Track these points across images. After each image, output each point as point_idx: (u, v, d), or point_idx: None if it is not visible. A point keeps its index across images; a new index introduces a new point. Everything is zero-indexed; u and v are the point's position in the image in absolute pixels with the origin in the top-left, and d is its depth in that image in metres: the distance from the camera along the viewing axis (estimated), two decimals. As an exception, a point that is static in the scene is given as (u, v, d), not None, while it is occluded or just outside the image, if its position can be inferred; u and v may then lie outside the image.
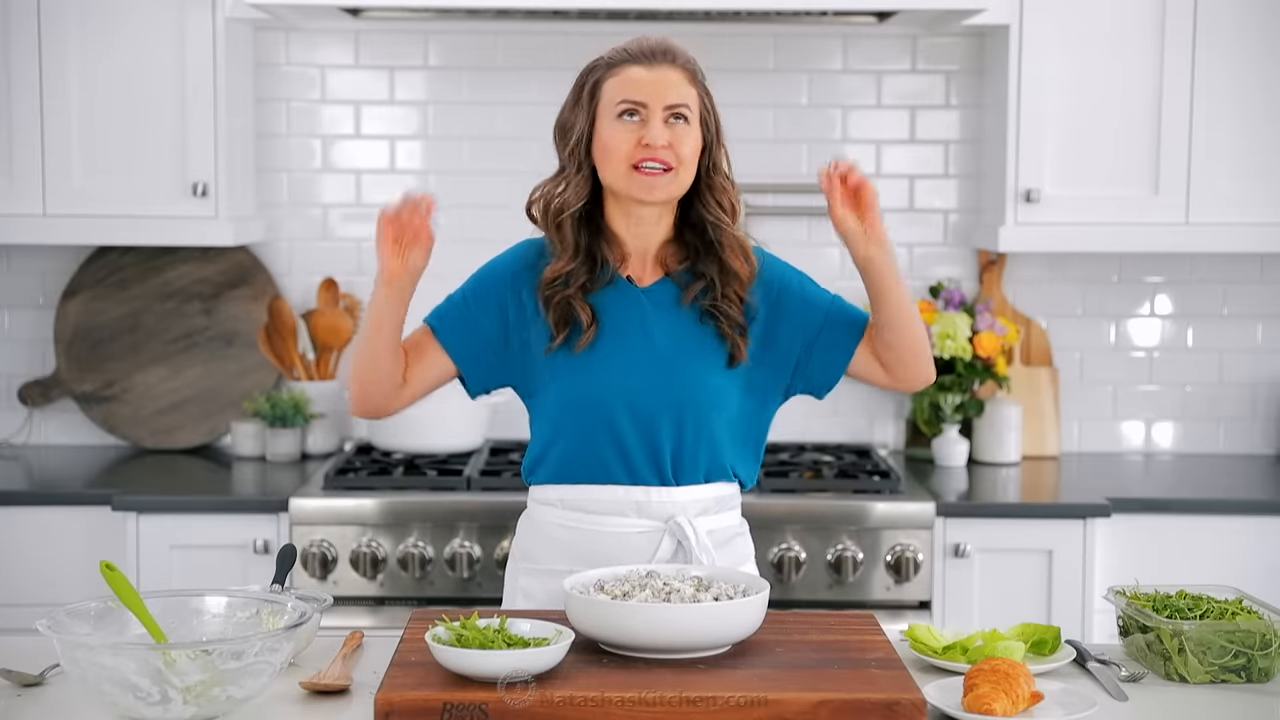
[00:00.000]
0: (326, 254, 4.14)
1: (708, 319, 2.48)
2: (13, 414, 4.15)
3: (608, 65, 2.46)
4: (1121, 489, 3.72)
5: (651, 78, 2.43)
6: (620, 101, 2.42)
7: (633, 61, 2.45)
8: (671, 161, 2.41)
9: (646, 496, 2.47)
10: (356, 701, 2.09)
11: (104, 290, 4.10)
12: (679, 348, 2.48)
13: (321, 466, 3.87)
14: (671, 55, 2.46)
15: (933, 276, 4.13)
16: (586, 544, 2.47)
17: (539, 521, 2.54)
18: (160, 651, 1.92)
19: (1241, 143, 3.75)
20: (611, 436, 2.45)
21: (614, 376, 2.45)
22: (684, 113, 2.43)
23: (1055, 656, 2.26)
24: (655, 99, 2.42)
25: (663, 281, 2.51)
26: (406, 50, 4.09)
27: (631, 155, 2.41)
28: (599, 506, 2.48)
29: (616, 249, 2.50)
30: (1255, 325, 4.15)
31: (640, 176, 2.42)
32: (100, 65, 3.73)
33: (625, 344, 2.47)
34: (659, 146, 2.40)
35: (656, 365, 2.46)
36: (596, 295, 2.48)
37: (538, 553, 2.53)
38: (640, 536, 2.47)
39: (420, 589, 3.50)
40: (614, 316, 2.48)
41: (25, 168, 3.74)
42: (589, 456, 2.47)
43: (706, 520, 2.50)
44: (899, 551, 3.48)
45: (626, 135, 2.42)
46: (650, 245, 2.51)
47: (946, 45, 4.09)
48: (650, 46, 2.46)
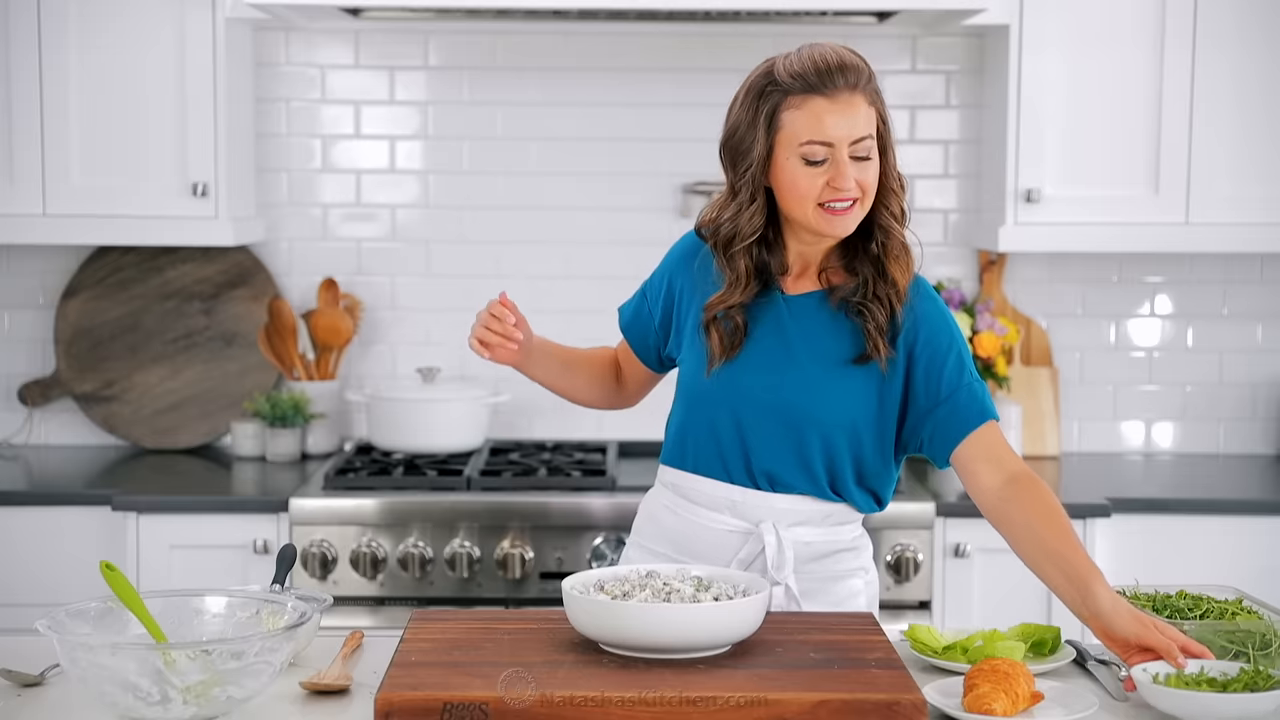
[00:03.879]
0: (326, 254, 4.13)
1: (853, 317, 2.41)
2: (13, 414, 4.15)
3: (787, 92, 2.34)
4: (1121, 489, 3.72)
5: (834, 112, 2.32)
6: (806, 143, 2.32)
7: (815, 91, 2.32)
8: (858, 195, 2.35)
9: (743, 497, 2.46)
10: (356, 701, 2.09)
11: (104, 290, 4.10)
12: (807, 359, 2.42)
13: (321, 466, 3.87)
14: (854, 78, 2.34)
15: (933, 276, 4.12)
16: (681, 530, 2.50)
17: (652, 499, 2.58)
18: (160, 651, 1.92)
19: (1241, 143, 3.75)
20: (715, 434, 2.45)
21: (731, 379, 2.44)
22: (870, 147, 2.35)
23: (1055, 656, 2.26)
24: (842, 137, 2.32)
25: (813, 293, 2.45)
26: (406, 50, 4.09)
27: (821, 196, 2.34)
28: (699, 498, 2.49)
29: (781, 263, 2.45)
30: (1255, 325, 4.15)
31: (830, 216, 2.35)
32: (100, 65, 3.73)
33: (753, 350, 2.44)
34: (850, 188, 2.33)
35: (776, 374, 2.42)
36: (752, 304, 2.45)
37: (645, 529, 2.58)
38: (731, 535, 2.47)
39: (420, 589, 3.50)
40: (761, 323, 2.45)
41: (25, 168, 3.74)
42: (698, 448, 2.48)
43: (806, 531, 2.46)
44: (899, 551, 3.48)
45: (814, 179, 2.33)
46: (814, 258, 2.46)
47: (946, 45, 4.09)
48: (829, 69, 2.33)
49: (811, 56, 2.34)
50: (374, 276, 4.13)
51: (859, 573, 2.53)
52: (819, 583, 2.48)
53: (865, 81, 2.36)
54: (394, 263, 4.12)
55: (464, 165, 4.11)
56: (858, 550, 2.54)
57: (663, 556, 2.51)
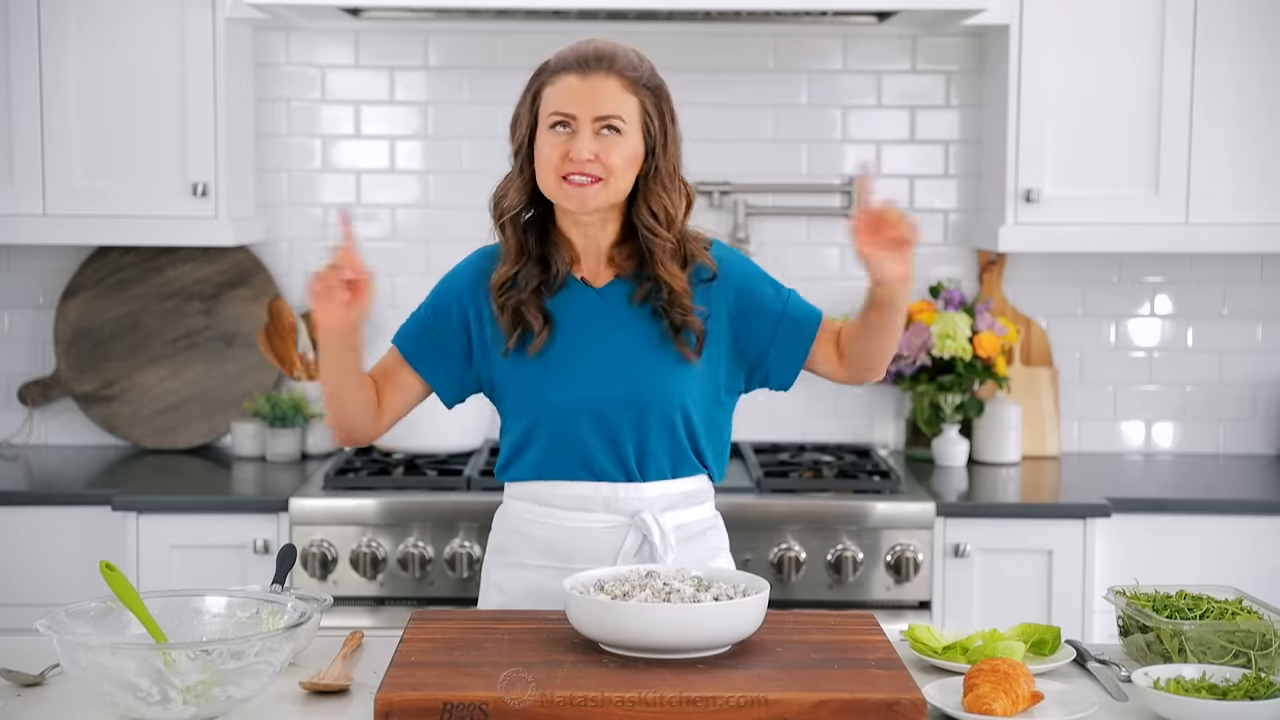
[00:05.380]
0: (326, 254, 4.12)
1: (660, 317, 2.49)
2: (13, 414, 4.15)
3: (550, 71, 2.46)
4: (1121, 489, 3.72)
5: (583, 88, 2.42)
6: (552, 112, 2.43)
7: (570, 70, 2.44)
8: (599, 173, 2.41)
9: (613, 493, 2.49)
10: (356, 701, 2.09)
11: (104, 290, 4.10)
12: (636, 347, 2.48)
13: (321, 466, 3.87)
14: (609, 62, 2.43)
15: (933, 276, 4.12)
16: (555, 539, 2.50)
17: (511, 517, 2.56)
18: (160, 651, 1.93)
19: (1241, 143, 3.75)
20: (575, 437, 2.47)
21: (574, 378, 2.47)
22: (615, 124, 2.41)
23: (1055, 656, 2.26)
24: (584, 110, 2.41)
25: (616, 282, 2.51)
26: (406, 50, 4.09)
27: (560, 167, 2.42)
28: (567, 503, 2.50)
29: (566, 250, 2.51)
30: (1255, 325, 4.15)
31: (568, 188, 2.42)
32: (100, 65, 3.73)
33: (583, 345, 2.48)
34: (584, 160, 2.40)
35: (615, 365, 2.47)
36: (552, 299, 2.49)
37: (510, 547, 2.55)
38: (607, 531, 2.49)
39: (420, 589, 3.50)
40: (570, 318, 2.49)
41: (25, 168, 3.74)
42: (556, 456, 2.49)
43: (675, 515, 2.51)
44: (899, 551, 3.48)
45: (555, 147, 2.42)
46: (600, 246, 2.51)
47: (946, 45, 4.09)
48: (588, 53, 2.44)
49: (578, 45, 2.48)
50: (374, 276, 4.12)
51: (721, 552, 2.60)
52: (695, 564, 2.50)
53: (626, 69, 2.44)
54: (394, 263, 4.12)
55: (464, 165, 4.11)
56: (718, 528, 2.62)
57: (544, 569, 2.49)
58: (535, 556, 2.51)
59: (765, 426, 4.08)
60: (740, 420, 2.76)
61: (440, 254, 4.13)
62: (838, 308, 4.07)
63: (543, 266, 2.49)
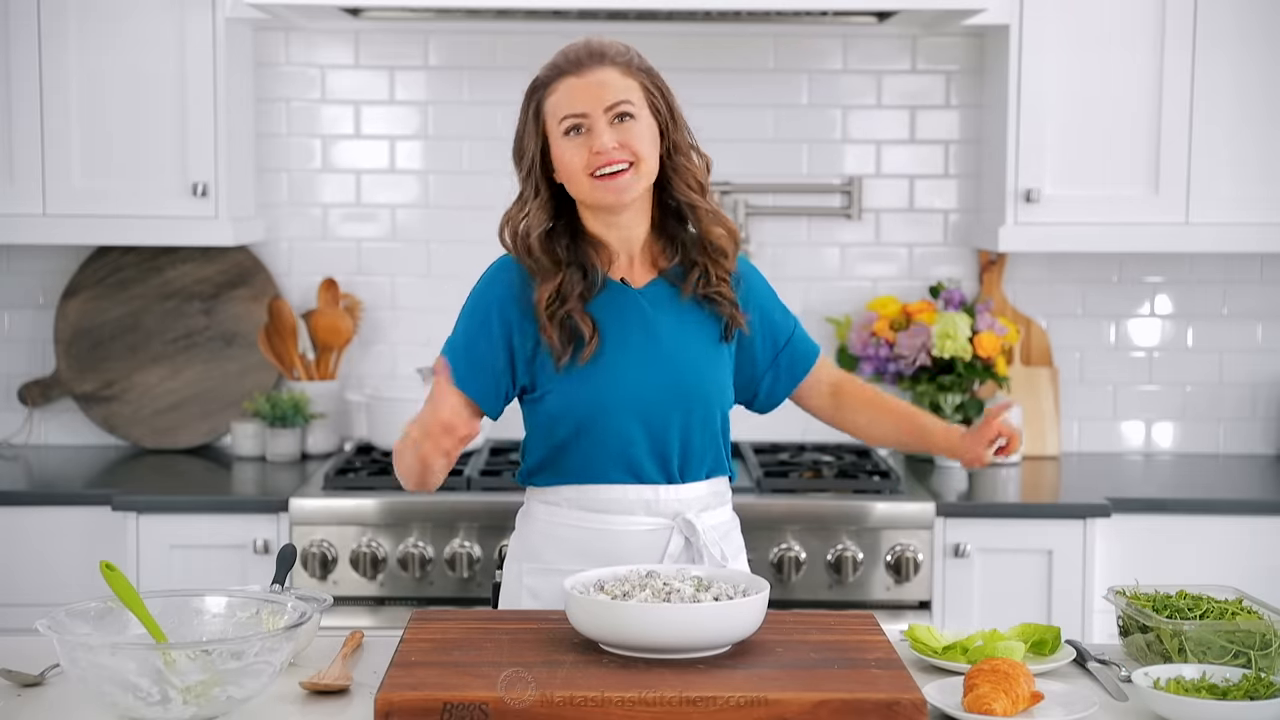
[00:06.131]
0: (326, 254, 4.13)
1: (706, 304, 2.50)
2: (13, 414, 4.15)
3: (544, 82, 2.46)
4: (1121, 489, 3.72)
5: (585, 85, 2.42)
6: (563, 118, 2.42)
7: (565, 74, 2.44)
8: (628, 158, 2.41)
9: (655, 495, 2.49)
10: (356, 701, 2.09)
11: (104, 290, 4.10)
12: (682, 346, 2.49)
13: (321, 466, 3.87)
14: (600, 55, 2.45)
15: (933, 276, 4.13)
16: (597, 543, 2.48)
17: (545, 522, 2.54)
18: (160, 651, 1.93)
19: (1241, 143, 3.75)
20: (621, 439, 2.46)
21: (622, 382, 2.46)
22: (627, 109, 2.42)
23: (1055, 656, 2.26)
24: (594, 105, 2.41)
25: (657, 282, 2.52)
26: (406, 50, 4.09)
27: (589, 165, 2.41)
28: (608, 506, 2.49)
29: (603, 253, 2.50)
30: (1255, 325, 4.15)
31: (603, 183, 2.41)
32: (100, 65, 3.73)
33: (630, 348, 2.47)
34: (610, 150, 2.40)
35: (662, 366, 2.47)
36: (594, 304, 2.47)
37: (545, 553, 2.53)
38: (650, 534, 2.49)
39: (420, 589, 3.50)
40: (614, 321, 2.48)
41: (25, 168, 3.74)
42: (598, 459, 2.48)
43: (709, 515, 2.53)
44: (899, 551, 3.48)
45: (578, 150, 2.42)
46: (634, 243, 2.51)
47: (946, 45, 4.09)
48: (578, 53, 2.45)
49: (563, 51, 2.48)
50: (374, 276, 4.13)
51: (741, 553, 2.63)
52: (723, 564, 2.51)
53: (618, 57, 2.45)
54: (394, 263, 4.12)
55: (464, 165, 4.11)
56: (738, 528, 2.65)
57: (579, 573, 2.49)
58: (572, 561, 2.46)
59: (765, 426, 4.05)
60: (740, 420, 2.76)
61: (440, 254, 4.13)
62: (837, 308, 4.08)
63: (582, 274, 2.47)
